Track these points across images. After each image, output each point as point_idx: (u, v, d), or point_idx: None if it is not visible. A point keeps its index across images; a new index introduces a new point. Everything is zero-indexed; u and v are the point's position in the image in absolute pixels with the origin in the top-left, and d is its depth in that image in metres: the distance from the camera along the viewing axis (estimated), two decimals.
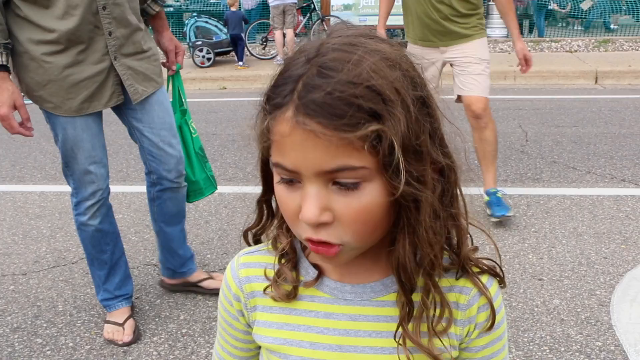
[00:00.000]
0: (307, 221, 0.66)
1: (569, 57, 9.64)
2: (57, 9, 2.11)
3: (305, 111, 0.63)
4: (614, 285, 2.86)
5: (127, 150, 5.60)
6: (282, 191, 0.70)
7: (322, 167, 0.64)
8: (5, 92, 2.12)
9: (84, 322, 2.72)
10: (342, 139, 0.62)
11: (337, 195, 0.66)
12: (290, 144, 0.65)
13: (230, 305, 0.86)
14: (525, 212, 3.76)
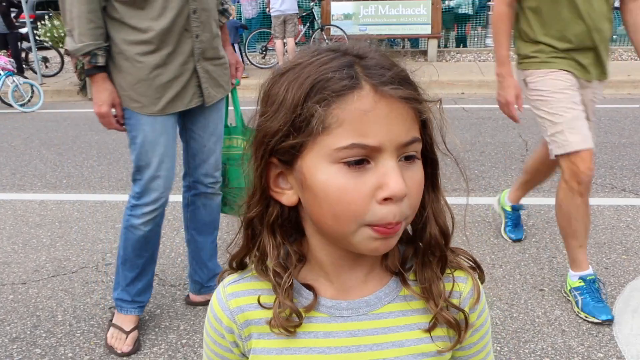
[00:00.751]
0: (399, 193, 0.68)
1: None
2: (153, 10, 2.23)
3: (387, 82, 0.68)
4: (615, 296, 2.85)
5: (127, 159, 5.58)
6: (347, 179, 0.69)
7: (404, 138, 0.70)
8: (105, 92, 2.26)
9: (83, 332, 2.71)
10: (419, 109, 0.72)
11: (403, 170, 0.70)
12: (375, 119, 0.67)
13: (222, 338, 0.84)
14: (526, 222, 3.76)
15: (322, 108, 0.67)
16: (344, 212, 0.70)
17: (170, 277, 3.19)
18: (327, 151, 0.69)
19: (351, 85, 0.67)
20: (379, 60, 0.71)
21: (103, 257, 3.47)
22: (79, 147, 6.13)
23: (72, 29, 2.20)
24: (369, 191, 0.68)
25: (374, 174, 0.68)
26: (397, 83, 0.69)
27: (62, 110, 8.42)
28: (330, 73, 0.69)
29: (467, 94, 8.52)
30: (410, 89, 0.70)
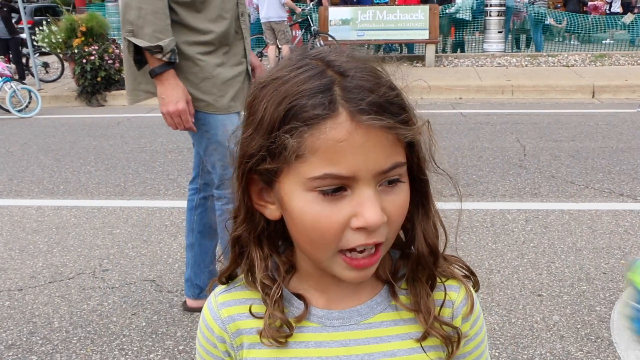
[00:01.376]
0: (374, 224, 0.67)
1: (566, 71, 9.68)
2: (210, 13, 2.27)
3: (365, 111, 0.65)
4: (614, 301, 2.84)
5: (124, 164, 5.60)
6: (322, 207, 0.67)
7: (382, 166, 0.67)
8: (179, 88, 2.24)
9: (80, 338, 2.69)
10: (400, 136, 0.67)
11: (384, 195, 0.69)
12: (349, 148, 0.65)
13: (214, 348, 0.84)
14: (524, 227, 3.75)
15: (294, 138, 0.65)
16: (319, 239, 0.69)
17: (168, 283, 3.18)
18: (301, 179, 0.67)
19: (325, 114, 0.65)
20: (361, 80, 0.67)
21: (100, 263, 3.46)
22: (77, 152, 6.12)
23: (142, 26, 2.15)
24: (344, 219, 0.67)
25: (349, 202, 0.67)
26: (375, 111, 0.65)
27: (60, 115, 8.42)
28: (305, 98, 0.66)
29: (465, 98, 8.53)
30: (392, 114, 0.66)
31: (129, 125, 7.49)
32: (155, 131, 7.00)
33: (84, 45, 8.99)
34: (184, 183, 4.92)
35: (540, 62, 10.57)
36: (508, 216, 3.94)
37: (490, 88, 8.65)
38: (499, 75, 9.37)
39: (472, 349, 0.84)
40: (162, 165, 5.50)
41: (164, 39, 2.16)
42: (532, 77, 9.12)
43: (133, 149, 6.21)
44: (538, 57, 10.86)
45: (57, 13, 15.43)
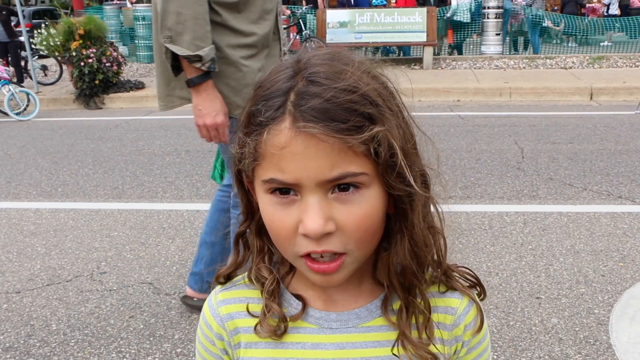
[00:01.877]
0: (313, 232, 0.65)
1: (564, 73, 9.70)
2: (252, 13, 2.17)
3: (305, 118, 0.64)
4: (612, 304, 2.84)
5: (122, 167, 5.59)
6: (275, 209, 0.69)
7: (325, 175, 0.65)
8: (218, 100, 2.13)
9: (77, 341, 2.68)
10: (345, 143, 0.63)
11: (337, 203, 0.67)
12: (290, 155, 0.64)
13: (212, 345, 0.84)
14: (522, 229, 3.75)
15: (253, 141, 0.67)
16: (277, 239, 0.71)
17: (165, 285, 3.17)
18: (259, 181, 0.69)
19: (273, 119, 0.65)
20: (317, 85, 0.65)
21: (98, 266, 3.45)
22: (75, 155, 6.11)
23: (181, 32, 2.03)
24: (292, 224, 0.67)
25: (298, 207, 0.67)
26: (315, 117, 0.63)
27: (58, 118, 8.41)
28: (264, 101, 0.67)
29: (463, 101, 8.53)
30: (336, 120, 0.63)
31: (127, 128, 7.48)
32: (153, 134, 6.99)
33: (82, 48, 8.98)
34: (181, 186, 4.92)
35: (538, 64, 10.59)
36: (506, 218, 3.94)
37: (488, 90, 8.65)
38: (497, 78, 9.38)
39: (474, 357, 0.83)
40: (160, 168, 5.49)
41: (204, 47, 2.04)
42: (530, 80, 9.13)
43: (131, 151, 6.21)
44: (536, 60, 10.88)
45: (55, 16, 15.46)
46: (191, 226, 4.00)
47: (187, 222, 4.08)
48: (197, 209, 4.31)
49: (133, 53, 12.71)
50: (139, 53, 12.49)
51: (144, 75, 10.95)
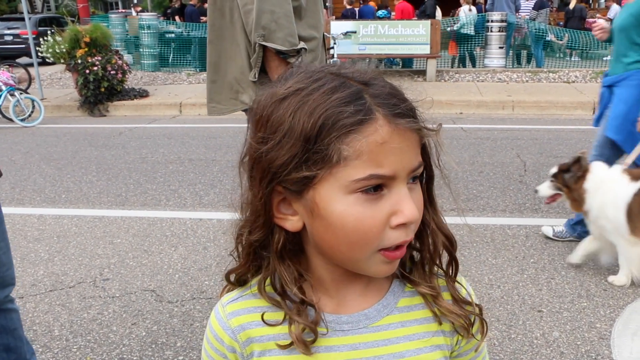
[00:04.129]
0: (413, 219, 0.72)
1: (567, 87, 9.72)
2: (310, 19, 2.25)
3: (401, 115, 0.70)
4: (614, 319, 2.84)
5: (126, 174, 5.61)
6: (364, 208, 0.71)
7: (413, 164, 0.73)
8: None
9: (80, 347, 2.69)
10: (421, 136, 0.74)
11: (411, 193, 0.74)
12: (390, 150, 0.70)
13: (224, 358, 0.84)
14: (524, 242, 3.76)
15: (339, 142, 0.68)
16: (361, 240, 0.72)
17: (168, 293, 3.18)
18: (344, 182, 0.69)
19: (365, 119, 0.69)
20: (384, 87, 0.73)
21: (101, 273, 3.46)
22: (78, 162, 6.13)
23: (275, 30, 2.09)
24: (384, 218, 0.71)
25: (387, 200, 0.71)
26: (408, 115, 0.71)
27: (62, 125, 8.45)
28: (342, 106, 0.69)
29: (466, 113, 8.56)
30: (417, 118, 0.73)
31: (131, 135, 7.51)
32: (156, 142, 7.02)
33: (88, 56, 9.04)
34: (184, 194, 4.94)
35: (541, 78, 10.62)
36: (508, 231, 3.94)
37: (491, 103, 8.68)
38: (500, 91, 9.40)
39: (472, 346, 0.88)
40: (163, 176, 5.51)
41: (296, 43, 2.10)
42: (533, 93, 9.16)
43: (134, 159, 6.23)
44: (539, 73, 10.91)
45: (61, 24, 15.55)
46: (194, 234, 4.02)
47: (190, 230, 4.09)
48: (200, 218, 4.32)
49: (137, 61, 12.78)
50: (144, 61, 12.55)
51: (148, 84, 11.00)
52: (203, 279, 3.34)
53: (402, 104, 0.72)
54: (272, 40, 2.08)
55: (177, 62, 13.10)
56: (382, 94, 0.71)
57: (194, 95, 9.76)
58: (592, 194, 3.19)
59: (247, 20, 2.14)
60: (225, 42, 2.25)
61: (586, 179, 3.22)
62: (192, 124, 8.19)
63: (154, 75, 12.03)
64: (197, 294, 3.16)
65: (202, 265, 3.53)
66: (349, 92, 0.70)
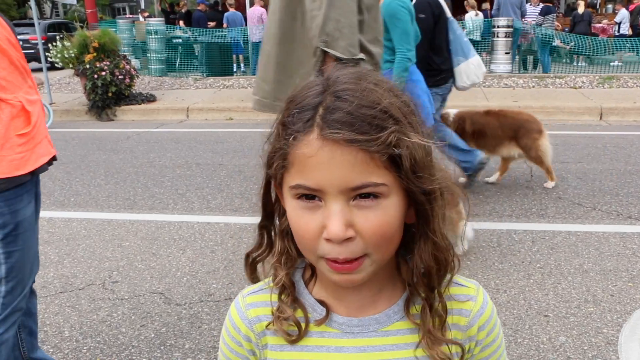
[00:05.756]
0: (336, 237, 0.71)
1: (574, 93, 9.72)
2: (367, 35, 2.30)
3: (331, 129, 0.69)
4: (621, 324, 2.84)
5: (134, 178, 5.65)
6: (301, 213, 0.74)
7: (348, 184, 0.70)
8: None
9: (89, 348, 2.72)
10: (367, 148, 0.69)
11: (357, 210, 0.72)
12: (316, 164, 0.70)
13: (240, 347, 0.88)
14: (531, 247, 3.76)
15: (282, 149, 0.73)
16: (301, 241, 0.76)
17: (176, 296, 3.21)
18: (287, 187, 0.75)
19: (302, 129, 0.71)
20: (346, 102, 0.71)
21: (110, 275, 3.49)
22: (87, 166, 6.18)
23: (337, 38, 2.17)
24: (317, 228, 0.72)
25: (322, 213, 0.72)
26: (340, 125, 0.69)
27: (71, 129, 8.51)
28: (296, 115, 0.73)
29: None
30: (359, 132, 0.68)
31: (138, 140, 7.56)
32: (164, 146, 7.06)
33: (96, 61, 9.11)
34: (192, 198, 4.97)
35: (547, 83, 10.61)
36: (514, 236, 3.95)
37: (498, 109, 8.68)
38: (506, 96, 9.41)
39: (488, 355, 0.88)
40: (170, 180, 5.55)
41: (356, 54, 2.17)
42: (539, 99, 9.16)
43: (142, 163, 6.27)
44: (545, 79, 10.91)
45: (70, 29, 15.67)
46: (202, 238, 4.04)
47: (198, 234, 4.12)
48: (208, 222, 4.35)
49: (145, 66, 12.86)
50: (151, 66, 12.64)
51: (155, 89, 11.07)
52: (211, 282, 3.37)
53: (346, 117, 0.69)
54: (333, 47, 2.16)
55: (184, 67, 13.18)
56: (335, 107, 0.71)
57: (200, 100, 9.81)
58: None
59: (311, 24, 2.22)
60: (295, 44, 2.31)
61: None
62: (199, 129, 8.23)
63: (161, 80, 12.10)
64: (205, 296, 3.19)
65: (209, 268, 3.56)
66: (310, 103, 0.73)
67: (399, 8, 3.78)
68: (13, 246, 1.86)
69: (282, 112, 0.76)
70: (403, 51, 3.79)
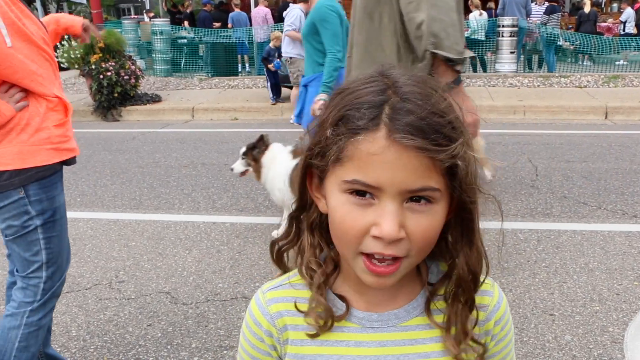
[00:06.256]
0: (388, 236, 0.72)
1: (579, 92, 9.70)
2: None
3: (402, 130, 0.70)
4: (627, 322, 2.85)
5: (140, 178, 5.67)
6: (350, 208, 0.74)
7: (409, 186, 0.71)
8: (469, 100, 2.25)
9: (96, 347, 2.74)
10: (432, 159, 0.70)
11: (410, 213, 0.73)
12: (379, 163, 0.71)
13: (261, 342, 0.89)
14: (536, 246, 3.77)
15: (338, 142, 0.73)
16: (344, 236, 0.76)
17: (183, 295, 3.22)
18: (337, 180, 0.75)
19: (367, 127, 0.71)
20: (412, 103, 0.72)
21: (116, 275, 3.51)
22: (93, 166, 6.21)
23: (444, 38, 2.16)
24: (366, 224, 0.73)
25: (374, 210, 0.73)
26: (411, 132, 0.70)
27: (76, 130, 8.43)
28: (357, 110, 0.72)
29: None
30: (428, 139, 0.70)
31: (144, 140, 7.59)
32: (169, 146, 7.09)
33: (102, 62, 9.14)
34: (198, 198, 4.99)
35: (552, 82, 10.59)
36: (520, 236, 3.95)
37: (503, 108, 8.67)
38: (511, 96, 9.40)
39: (501, 348, 0.91)
40: (176, 180, 5.57)
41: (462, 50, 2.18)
42: (545, 98, 9.14)
43: (148, 163, 6.30)
44: (550, 78, 10.89)
45: None
46: (207, 238, 4.06)
47: (204, 234, 4.13)
48: (214, 221, 4.37)
49: (150, 67, 12.89)
50: (156, 67, 12.67)
51: (160, 89, 11.10)
52: (217, 282, 3.38)
53: (416, 121, 0.70)
54: (441, 48, 2.16)
55: (189, 67, 13.21)
56: (403, 109, 0.71)
57: (206, 101, 9.83)
58: (266, 168, 3.88)
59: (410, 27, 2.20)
60: (372, 46, 2.33)
61: (265, 155, 3.92)
62: (205, 129, 8.25)
63: (166, 80, 12.14)
64: (212, 296, 3.20)
65: (215, 268, 3.58)
66: (373, 100, 0.73)
67: (328, 12, 4.00)
68: (52, 232, 2.01)
69: (336, 103, 0.76)
70: (333, 52, 3.97)
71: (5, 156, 1.87)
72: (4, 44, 1.81)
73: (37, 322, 2.06)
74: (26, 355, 2.06)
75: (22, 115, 1.90)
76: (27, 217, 1.95)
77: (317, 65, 4.14)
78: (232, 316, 2.98)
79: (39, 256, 2.01)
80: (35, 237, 1.98)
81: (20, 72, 1.87)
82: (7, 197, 1.90)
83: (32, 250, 2.00)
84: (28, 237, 1.98)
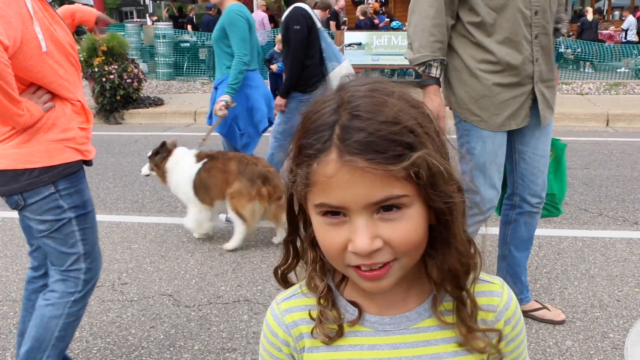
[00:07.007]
0: (362, 251, 0.73)
1: (580, 99, 9.72)
2: (499, 35, 2.39)
3: (351, 151, 0.70)
4: (627, 329, 2.86)
5: (142, 181, 5.69)
6: (326, 229, 0.76)
7: (370, 199, 0.72)
8: (435, 103, 2.41)
9: (99, 349, 2.75)
10: (387, 172, 0.70)
11: (382, 222, 0.74)
12: (337, 183, 0.72)
13: (279, 351, 0.91)
14: (537, 252, 3.78)
15: (303, 170, 0.75)
16: (329, 254, 0.79)
17: (185, 298, 3.24)
18: (311, 205, 0.77)
19: (321, 150, 0.72)
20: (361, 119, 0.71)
21: (119, 277, 3.52)
22: (95, 168, 6.22)
23: (412, 41, 2.39)
24: (342, 242, 0.75)
25: (347, 228, 0.74)
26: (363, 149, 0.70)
27: None
28: (313, 135, 0.74)
29: None
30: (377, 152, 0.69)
31: (146, 143, 7.60)
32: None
33: (104, 65, 9.18)
34: None
35: None
36: None
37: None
38: None
39: (512, 349, 0.91)
40: None
41: (423, 53, 2.36)
42: None
43: None
44: None
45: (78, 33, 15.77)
46: (210, 241, 4.07)
47: (206, 237, 4.15)
48: (216, 225, 4.38)
49: (153, 70, 12.93)
50: (159, 70, 12.71)
51: (163, 92, 11.14)
52: (219, 284, 3.40)
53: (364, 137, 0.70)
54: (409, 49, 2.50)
55: (192, 71, 13.24)
56: (352, 127, 0.71)
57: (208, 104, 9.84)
58: (170, 173, 4.09)
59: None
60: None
61: (168, 160, 4.16)
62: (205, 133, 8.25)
63: (168, 83, 12.18)
64: (214, 298, 3.22)
65: (218, 270, 3.59)
66: (326, 122, 0.73)
67: (237, 17, 4.15)
68: (85, 223, 2.11)
69: (298, 131, 0.77)
70: (240, 55, 4.12)
71: (34, 154, 1.94)
72: (39, 48, 1.86)
73: (76, 312, 2.15)
74: (62, 345, 2.14)
75: (49, 115, 1.97)
76: (60, 211, 2.02)
77: (226, 68, 4.27)
78: (235, 319, 2.99)
79: (77, 248, 2.09)
80: (70, 229, 2.06)
81: (49, 76, 1.94)
82: (38, 194, 1.97)
83: (69, 243, 2.07)
84: (64, 229, 2.05)
